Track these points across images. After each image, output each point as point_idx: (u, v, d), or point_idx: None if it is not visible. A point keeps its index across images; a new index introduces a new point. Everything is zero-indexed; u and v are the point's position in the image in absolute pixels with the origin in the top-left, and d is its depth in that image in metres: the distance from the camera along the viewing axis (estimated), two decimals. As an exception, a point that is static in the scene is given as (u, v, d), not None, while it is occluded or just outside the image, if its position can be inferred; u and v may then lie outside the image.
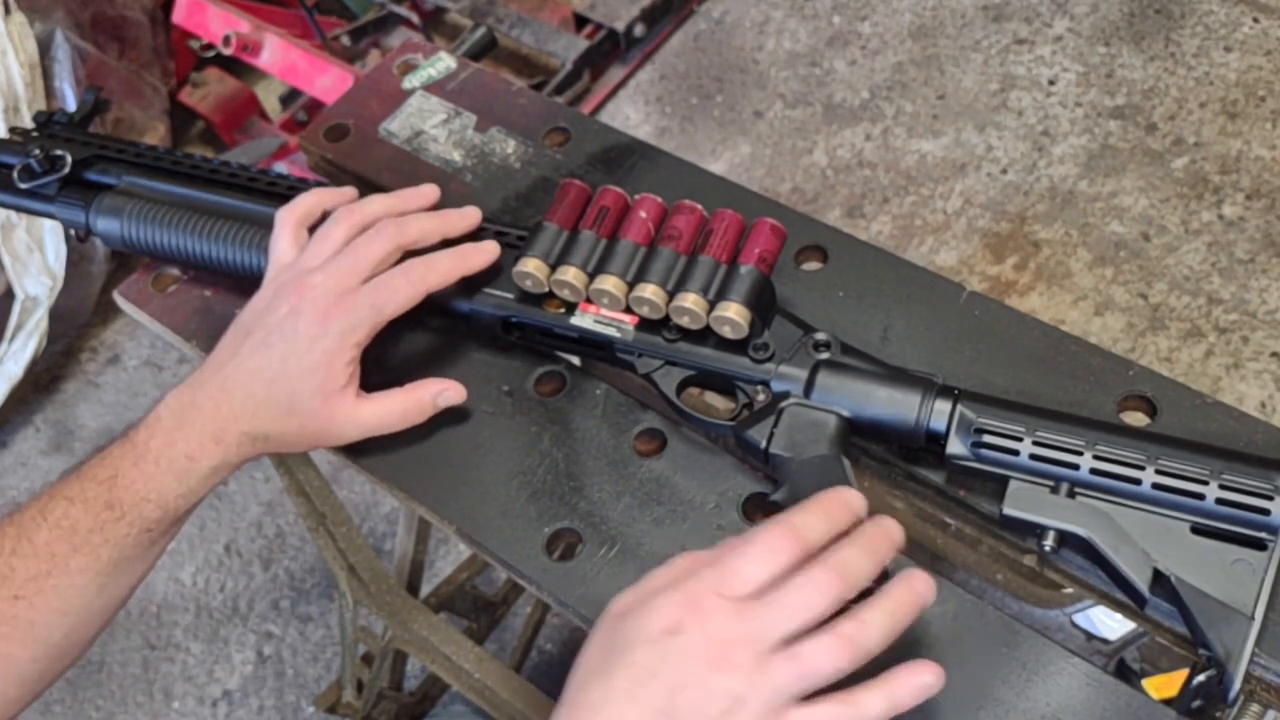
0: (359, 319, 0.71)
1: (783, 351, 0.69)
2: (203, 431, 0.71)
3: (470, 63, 1.00)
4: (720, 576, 0.57)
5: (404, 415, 0.74)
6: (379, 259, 0.72)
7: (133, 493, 0.70)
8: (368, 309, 0.71)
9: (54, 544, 0.68)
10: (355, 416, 0.72)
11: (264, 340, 0.71)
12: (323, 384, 0.71)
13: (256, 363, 0.71)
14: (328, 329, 0.70)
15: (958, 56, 2.12)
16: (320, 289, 0.71)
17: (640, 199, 0.73)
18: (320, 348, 0.70)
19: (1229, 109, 1.91)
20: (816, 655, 0.54)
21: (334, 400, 0.71)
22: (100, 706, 1.71)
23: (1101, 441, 0.62)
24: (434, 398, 0.74)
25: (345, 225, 0.74)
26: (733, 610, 0.56)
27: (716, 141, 2.13)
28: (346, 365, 0.71)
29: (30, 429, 2.05)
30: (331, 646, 1.69)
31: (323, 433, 0.73)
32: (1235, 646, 0.58)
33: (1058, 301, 1.76)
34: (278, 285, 0.73)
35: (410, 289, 0.72)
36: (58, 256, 1.93)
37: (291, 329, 0.71)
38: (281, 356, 0.71)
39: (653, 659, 0.55)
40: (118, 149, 0.87)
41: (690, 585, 0.57)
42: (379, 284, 0.72)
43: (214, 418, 0.71)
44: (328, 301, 0.71)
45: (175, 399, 0.72)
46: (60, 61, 1.96)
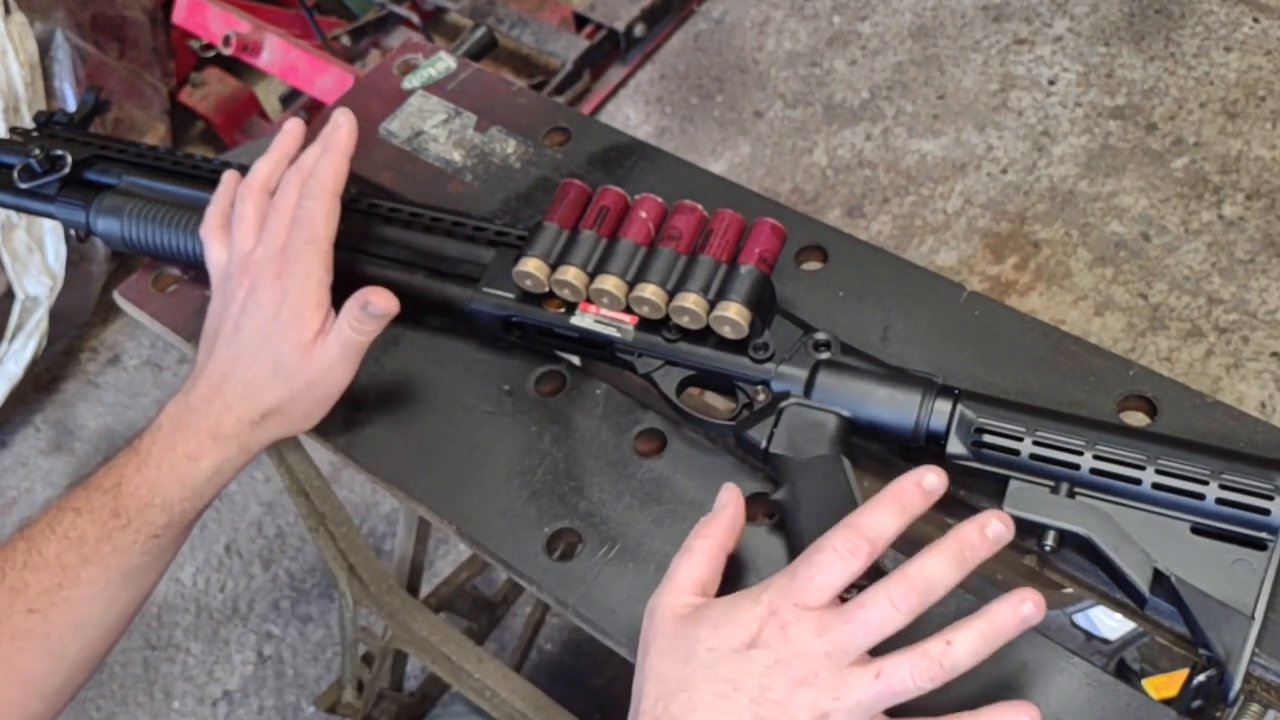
0: (307, 259, 0.71)
1: (783, 351, 0.69)
2: (200, 430, 0.71)
3: (470, 63, 1.00)
4: (798, 587, 0.56)
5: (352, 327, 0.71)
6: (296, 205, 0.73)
7: (138, 499, 0.70)
8: (306, 246, 0.71)
9: (64, 555, 0.68)
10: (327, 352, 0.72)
11: (234, 328, 0.73)
12: (300, 335, 0.71)
13: (234, 350, 0.72)
14: (285, 285, 0.71)
15: (958, 56, 2.12)
16: (264, 259, 0.72)
17: (640, 199, 0.73)
18: (288, 304, 0.71)
19: (1229, 109, 1.91)
20: (899, 673, 0.54)
21: (312, 349, 0.71)
22: (100, 706, 1.71)
23: (1101, 441, 0.62)
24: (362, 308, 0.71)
25: (251, 201, 0.75)
26: (813, 622, 0.55)
27: (716, 141, 2.13)
28: (316, 308, 0.72)
29: (30, 429, 2.05)
30: (331, 646, 1.69)
31: (314, 384, 0.72)
32: (1235, 646, 0.58)
33: (1058, 301, 1.76)
34: (225, 280, 0.75)
35: (321, 204, 0.72)
36: (58, 256, 1.93)
37: (254, 304, 0.72)
38: (255, 330, 0.72)
39: (734, 672, 0.55)
40: (118, 149, 0.87)
41: (769, 596, 0.56)
42: (298, 221, 0.72)
43: (208, 414, 0.72)
44: (275, 264, 0.72)
45: (173, 405, 0.73)
46: (60, 61, 1.96)
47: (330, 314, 0.72)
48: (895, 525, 0.56)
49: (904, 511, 0.56)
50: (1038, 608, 0.54)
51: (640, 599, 0.67)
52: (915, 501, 0.56)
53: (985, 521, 0.55)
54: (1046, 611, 0.54)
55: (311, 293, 0.71)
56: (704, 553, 0.61)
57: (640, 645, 0.60)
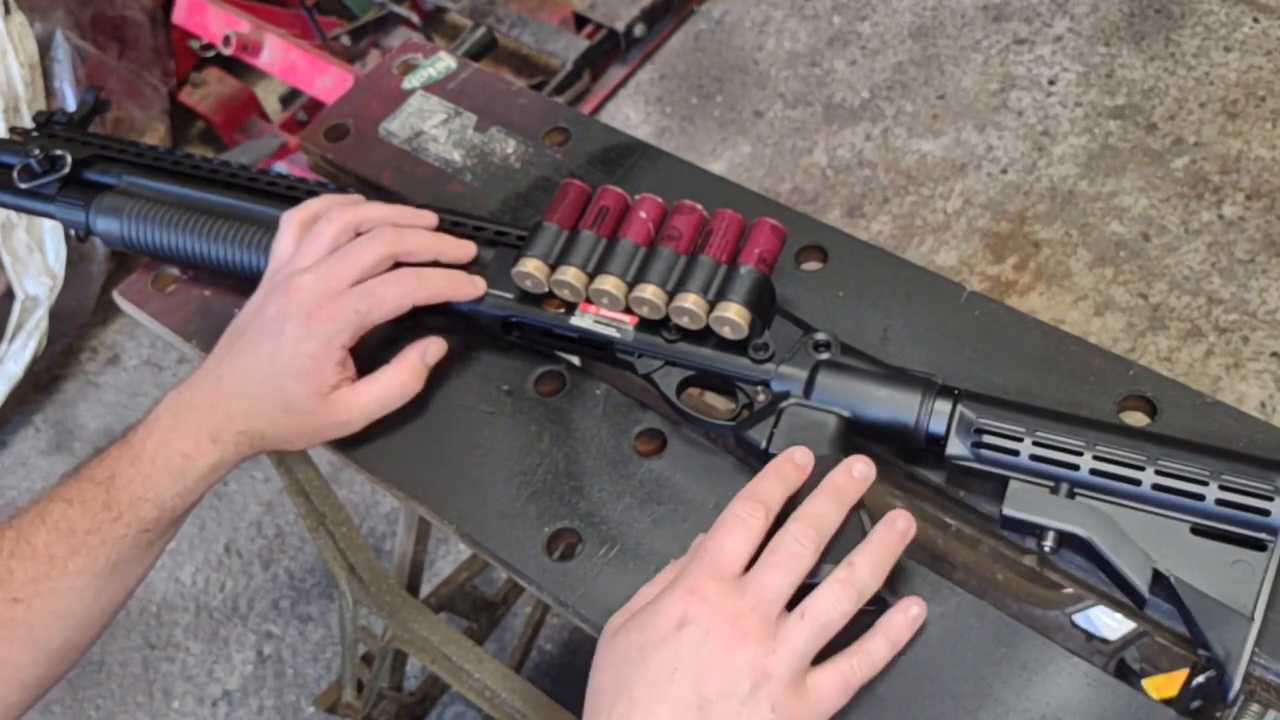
0: (343, 324, 0.71)
1: (783, 351, 0.69)
2: (199, 430, 0.71)
3: (470, 63, 1.00)
4: (709, 560, 0.59)
5: (403, 387, 0.74)
6: (371, 264, 0.72)
7: (130, 493, 0.70)
8: (352, 314, 0.71)
9: (52, 546, 0.68)
10: (357, 402, 0.73)
11: (255, 340, 0.72)
12: (315, 386, 0.71)
13: (248, 363, 0.72)
14: (312, 331, 0.70)
15: (958, 56, 2.12)
16: (308, 290, 0.71)
17: (640, 199, 0.73)
18: (305, 351, 0.70)
19: (1229, 109, 1.91)
20: (821, 606, 0.58)
21: (332, 397, 0.72)
22: (100, 706, 1.71)
23: (1101, 442, 0.62)
24: (421, 358, 0.75)
25: (337, 225, 0.74)
26: (731, 588, 0.58)
27: (716, 141, 2.13)
28: (335, 366, 0.72)
29: (30, 429, 2.05)
30: (331, 646, 1.69)
31: (326, 426, 0.73)
32: (1235, 647, 0.58)
33: (1058, 301, 1.76)
34: (271, 285, 0.74)
35: (397, 299, 0.72)
36: (58, 256, 1.93)
37: (278, 330, 0.71)
38: (270, 357, 0.71)
39: (668, 656, 0.56)
40: (118, 149, 0.87)
41: (684, 579, 0.59)
42: (367, 290, 0.72)
43: (210, 416, 0.71)
44: (314, 304, 0.71)
45: (173, 399, 0.72)
46: (60, 61, 1.96)
47: (350, 371, 0.73)
48: (780, 492, 0.62)
49: (783, 481, 0.63)
50: (908, 522, 0.62)
51: (640, 599, 0.67)
52: (790, 474, 0.63)
53: (851, 465, 0.63)
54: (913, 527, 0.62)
55: (334, 353, 0.71)
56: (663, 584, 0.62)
57: None
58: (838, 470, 0.63)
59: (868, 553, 0.60)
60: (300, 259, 0.73)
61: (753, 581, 0.58)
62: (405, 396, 0.75)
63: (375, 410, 0.74)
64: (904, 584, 0.66)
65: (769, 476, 0.63)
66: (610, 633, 0.60)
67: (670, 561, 0.66)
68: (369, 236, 0.73)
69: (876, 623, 0.62)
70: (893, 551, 0.61)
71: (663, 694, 0.55)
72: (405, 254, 0.74)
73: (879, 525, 0.62)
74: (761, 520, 0.60)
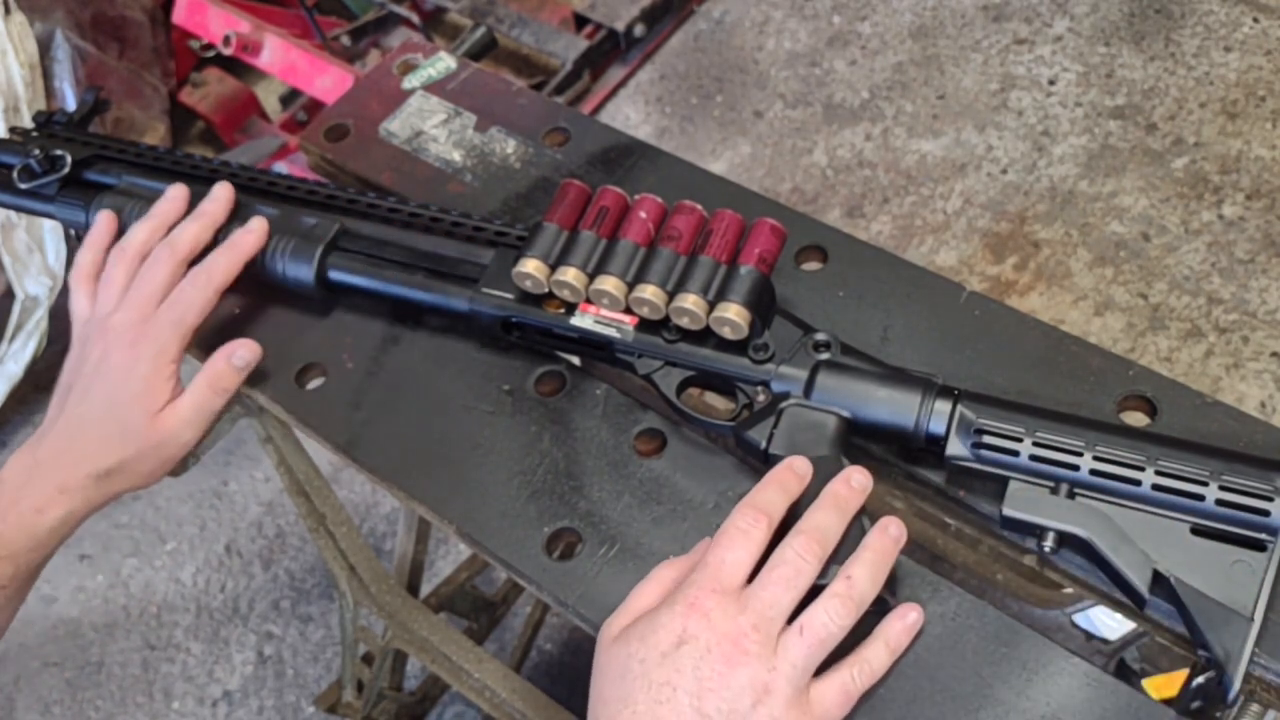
0: (165, 338, 0.76)
1: (783, 352, 0.69)
2: (47, 484, 0.74)
3: (470, 63, 1.00)
4: (710, 574, 0.59)
5: (211, 388, 0.77)
6: (165, 282, 0.77)
7: None
8: (170, 326, 0.76)
9: None
10: (178, 417, 0.76)
11: (85, 388, 0.76)
12: (148, 406, 0.75)
13: (83, 409, 0.76)
14: (139, 355, 0.75)
15: (958, 56, 2.12)
16: (121, 325, 0.76)
17: (640, 199, 0.73)
18: (138, 374, 0.75)
19: (1229, 109, 1.91)
20: (821, 620, 0.58)
21: (160, 415, 0.76)
22: (100, 707, 1.71)
23: (1101, 442, 0.62)
24: (227, 360, 0.78)
25: (123, 265, 0.78)
26: (732, 602, 0.58)
27: (716, 141, 2.13)
28: (166, 381, 0.76)
29: (30, 429, 2.04)
30: (331, 646, 1.69)
31: (160, 445, 0.76)
32: (1234, 647, 0.58)
33: (1058, 301, 1.76)
34: (83, 337, 0.78)
35: (202, 295, 0.77)
36: (58, 256, 1.93)
37: (106, 368, 0.75)
38: (105, 395, 0.75)
39: (669, 673, 0.56)
40: (118, 149, 0.87)
41: (685, 593, 0.59)
42: (173, 301, 0.76)
43: (57, 468, 0.75)
44: (132, 332, 0.76)
45: (17, 461, 0.76)
46: (60, 61, 1.96)
47: (179, 385, 0.77)
48: (781, 501, 0.62)
49: (784, 490, 0.63)
50: (900, 528, 0.63)
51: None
52: (791, 482, 0.63)
53: (849, 475, 0.64)
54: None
55: (163, 368, 0.76)
56: (660, 584, 0.62)
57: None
58: (837, 481, 0.64)
59: (864, 562, 0.61)
60: (102, 306, 0.78)
61: (754, 597, 0.58)
62: (219, 396, 0.78)
63: (193, 419, 0.77)
64: (904, 584, 0.66)
65: (770, 486, 0.63)
66: (609, 638, 0.60)
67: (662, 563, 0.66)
68: (151, 259, 0.78)
69: (875, 630, 0.62)
70: (888, 558, 0.62)
71: (663, 712, 0.55)
72: (189, 255, 0.78)
73: (872, 532, 0.62)
74: (763, 531, 0.60)
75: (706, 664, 0.56)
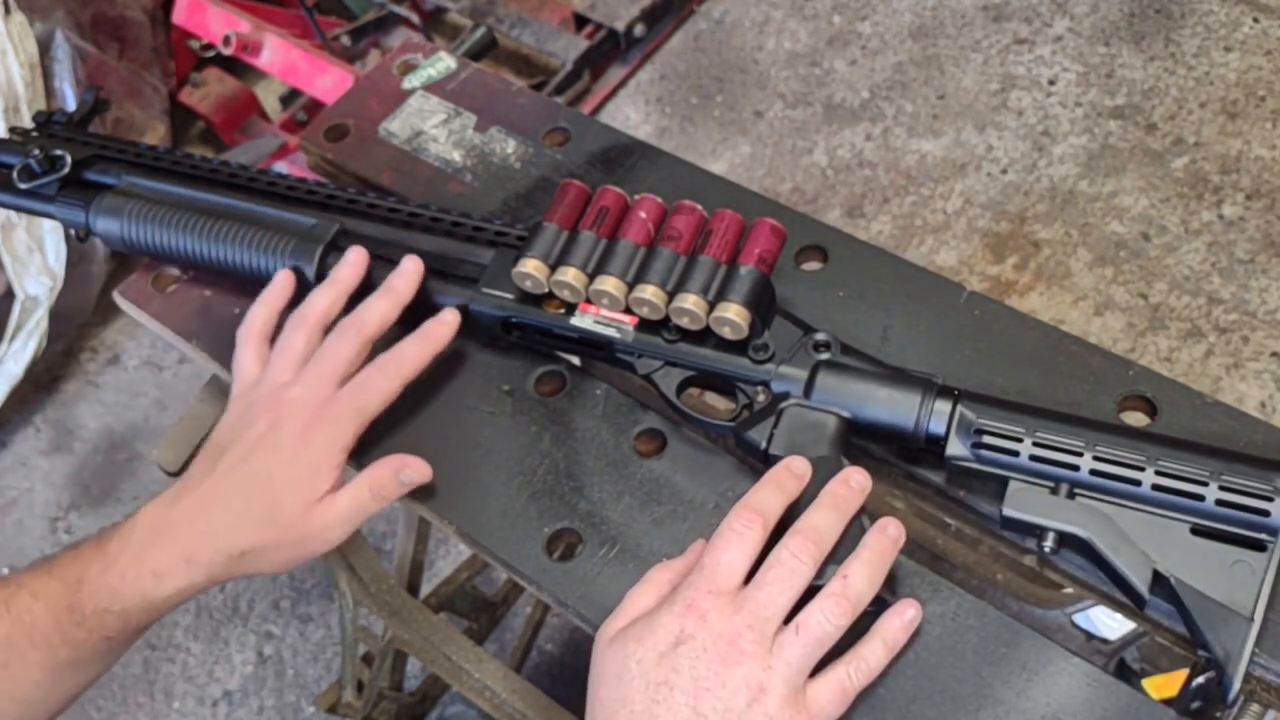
0: (344, 425, 0.71)
1: (783, 352, 0.69)
2: (173, 550, 0.70)
3: (470, 63, 1.00)
4: (706, 576, 0.59)
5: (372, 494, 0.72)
6: (350, 361, 0.73)
7: (96, 602, 0.69)
8: (352, 413, 0.71)
9: (13, 636, 0.68)
10: (334, 512, 0.71)
11: (243, 457, 0.71)
12: (308, 494, 0.70)
13: (235, 477, 0.70)
14: (311, 440, 0.70)
15: (958, 56, 2.12)
16: (298, 402, 0.71)
17: (640, 199, 0.73)
18: (304, 460, 0.70)
19: (1229, 109, 1.91)
20: (816, 620, 0.58)
21: (316, 507, 0.71)
22: (101, 707, 1.71)
23: (1101, 442, 0.62)
24: (395, 474, 0.72)
25: (303, 333, 0.74)
26: (728, 603, 0.58)
27: (716, 141, 2.13)
28: (333, 471, 0.71)
29: (30, 429, 2.04)
30: (331, 646, 1.69)
31: (306, 538, 0.71)
32: (1234, 648, 0.58)
33: (1058, 301, 1.76)
34: (248, 402, 0.73)
35: (388, 384, 0.73)
36: (58, 256, 1.93)
37: (273, 443, 0.70)
38: (265, 470, 0.70)
39: (666, 673, 0.56)
40: (118, 149, 0.87)
41: (683, 594, 0.59)
42: (358, 386, 0.72)
43: (188, 536, 0.70)
44: (309, 413, 0.71)
45: (151, 512, 0.71)
46: (60, 61, 1.96)
47: (342, 478, 0.72)
48: (777, 501, 0.62)
49: (781, 490, 0.63)
50: (899, 529, 0.62)
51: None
52: (789, 482, 0.63)
53: (849, 476, 0.64)
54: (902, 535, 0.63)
55: (334, 456, 0.71)
56: (655, 587, 0.62)
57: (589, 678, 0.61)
58: (836, 481, 0.64)
59: (861, 562, 0.60)
60: (278, 374, 0.73)
61: (750, 598, 0.58)
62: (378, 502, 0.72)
63: (351, 519, 0.72)
64: (904, 584, 0.66)
65: (767, 486, 0.63)
66: (605, 640, 0.60)
67: (657, 565, 0.66)
68: (337, 334, 0.74)
69: (873, 627, 0.62)
70: (886, 558, 0.61)
71: (659, 712, 0.56)
72: (374, 336, 0.74)
73: (870, 532, 0.62)
74: (759, 532, 0.60)
75: (702, 664, 0.56)
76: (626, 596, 0.63)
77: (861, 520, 0.63)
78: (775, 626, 0.58)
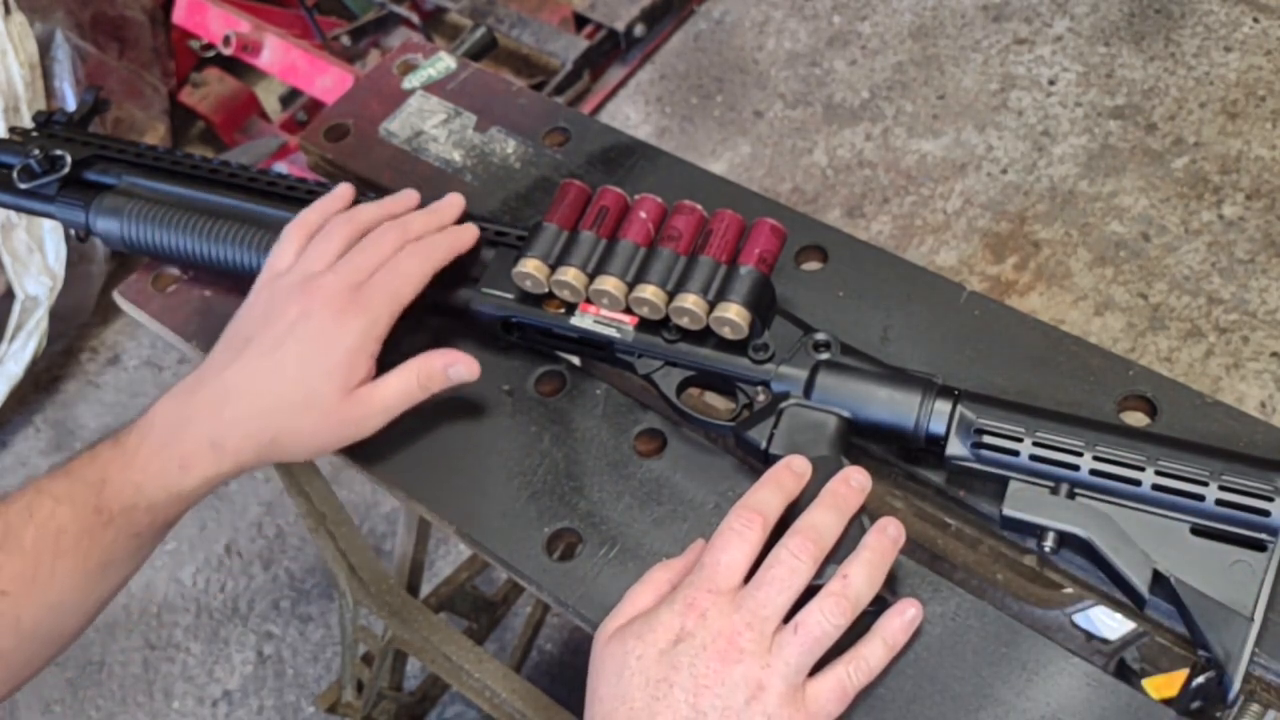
0: (379, 312, 0.71)
1: (783, 352, 0.69)
2: (199, 438, 0.69)
3: (470, 63, 1.00)
4: (706, 575, 0.59)
5: (420, 383, 0.72)
6: (388, 256, 0.72)
7: (121, 499, 0.68)
8: (385, 298, 0.71)
9: (40, 544, 0.67)
10: (377, 399, 0.71)
11: (275, 344, 0.70)
12: (344, 382, 0.70)
13: (266, 364, 0.70)
14: (347, 326, 0.70)
15: (958, 56, 2.12)
16: (331, 289, 0.70)
17: (640, 199, 0.73)
18: (342, 345, 0.69)
19: (1229, 109, 1.91)
20: (816, 620, 0.58)
21: (355, 394, 0.70)
22: (100, 706, 1.71)
23: (1101, 442, 0.62)
24: (445, 366, 0.72)
25: (344, 229, 0.74)
26: (728, 602, 0.58)
27: (716, 141, 2.13)
28: (369, 359, 0.71)
29: (30, 429, 2.05)
30: (331, 646, 1.69)
31: (344, 423, 0.71)
32: (1234, 648, 0.58)
33: (1058, 301, 1.76)
34: (276, 289, 0.73)
35: (420, 269, 0.72)
36: (58, 256, 1.93)
37: (305, 331, 0.70)
38: (298, 357, 0.69)
39: (665, 670, 0.57)
40: (118, 149, 0.87)
41: (683, 593, 0.59)
42: (390, 271, 0.72)
43: (213, 423, 0.69)
44: (342, 299, 0.70)
45: (169, 403, 0.70)
46: (60, 61, 1.96)
47: (374, 367, 0.71)
48: (777, 501, 0.62)
49: (781, 489, 0.63)
50: (899, 529, 0.62)
51: (640, 599, 0.67)
52: (788, 481, 0.63)
53: (849, 475, 0.64)
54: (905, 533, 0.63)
55: (370, 344, 0.70)
56: (654, 586, 0.63)
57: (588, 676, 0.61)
58: (835, 480, 0.64)
59: (861, 561, 0.60)
60: (311, 263, 0.73)
61: (749, 597, 0.58)
62: (423, 392, 0.72)
63: (393, 406, 0.71)
64: (904, 584, 0.66)
65: (766, 485, 0.63)
66: (604, 638, 0.61)
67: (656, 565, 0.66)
68: (379, 231, 0.74)
69: (873, 627, 0.62)
70: (886, 558, 0.61)
71: (659, 709, 0.56)
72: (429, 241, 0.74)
73: (870, 532, 0.62)
74: (758, 531, 0.60)
75: (702, 661, 0.56)
76: (626, 595, 0.63)
77: (861, 520, 0.63)
78: (774, 625, 0.58)
